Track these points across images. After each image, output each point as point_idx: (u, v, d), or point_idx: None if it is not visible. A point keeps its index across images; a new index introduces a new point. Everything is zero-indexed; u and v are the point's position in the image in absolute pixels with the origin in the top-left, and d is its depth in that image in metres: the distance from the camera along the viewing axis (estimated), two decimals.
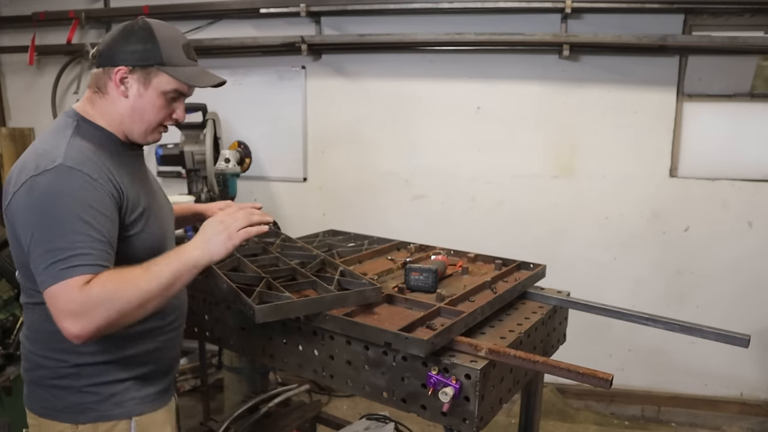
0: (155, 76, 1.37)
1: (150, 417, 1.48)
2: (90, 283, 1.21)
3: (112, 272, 1.25)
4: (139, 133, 1.43)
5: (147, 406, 1.48)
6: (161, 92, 1.39)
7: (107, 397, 1.41)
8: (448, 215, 3.72)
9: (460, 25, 3.46)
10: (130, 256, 1.36)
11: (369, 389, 1.50)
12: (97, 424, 1.40)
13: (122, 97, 1.38)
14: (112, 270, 1.26)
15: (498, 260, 2.03)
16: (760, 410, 3.49)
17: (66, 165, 1.27)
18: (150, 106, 1.40)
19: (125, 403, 1.43)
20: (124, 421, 1.43)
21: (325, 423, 2.86)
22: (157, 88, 1.38)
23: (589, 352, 3.43)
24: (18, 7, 4.15)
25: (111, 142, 1.41)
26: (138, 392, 1.46)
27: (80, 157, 1.30)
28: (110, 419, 1.41)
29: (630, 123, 3.43)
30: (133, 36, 1.36)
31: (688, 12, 3.25)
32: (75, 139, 1.34)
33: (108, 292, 1.22)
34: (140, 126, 1.42)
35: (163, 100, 1.40)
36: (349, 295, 1.56)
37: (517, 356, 1.35)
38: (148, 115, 1.40)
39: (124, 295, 1.23)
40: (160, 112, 1.42)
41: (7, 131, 4.05)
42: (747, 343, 1.54)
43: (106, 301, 1.21)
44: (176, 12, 3.81)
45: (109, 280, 1.23)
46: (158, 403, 1.51)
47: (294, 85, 3.82)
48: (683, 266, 3.50)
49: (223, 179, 3.24)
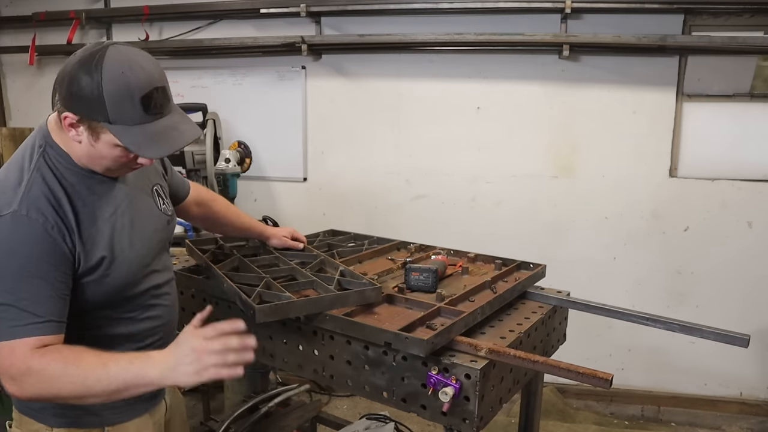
0: (103, 132, 1.20)
1: (124, 427, 1.45)
2: (38, 353, 1.15)
3: (65, 351, 1.18)
4: (104, 172, 1.32)
5: (121, 415, 1.44)
6: (111, 146, 1.22)
7: (81, 405, 1.35)
8: (448, 215, 3.72)
9: (460, 25, 3.46)
10: (88, 297, 1.30)
11: (369, 389, 1.50)
12: (70, 430, 1.39)
13: (77, 142, 1.24)
14: (66, 347, 1.19)
15: (498, 260, 2.03)
16: (759, 410, 3.49)
17: (20, 213, 1.18)
18: (106, 156, 1.25)
19: (99, 412, 1.39)
20: (96, 430, 1.41)
21: (325, 423, 2.86)
22: (108, 143, 1.22)
23: (589, 352, 3.43)
24: (18, 7, 4.15)
25: (80, 174, 1.29)
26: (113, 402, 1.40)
27: (36, 203, 1.20)
28: (82, 426, 1.39)
29: (630, 123, 3.43)
30: (83, 80, 1.16)
31: (688, 12, 3.25)
32: (37, 177, 1.24)
33: (49, 374, 1.15)
34: (101, 168, 1.30)
35: (119, 151, 1.24)
36: (349, 295, 1.57)
37: (517, 356, 1.35)
38: (107, 161, 1.27)
39: (64, 384, 1.16)
40: (119, 160, 1.26)
41: (7, 131, 4.04)
42: (747, 343, 1.54)
43: (46, 380, 1.16)
44: (176, 12, 3.81)
45: (56, 360, 1.16)
46: (135, 412, 1.47)
47: (294, 85, 3.82)
48: (683, 266, 3.50)
49: (223, 179, 3.25)
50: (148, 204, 1.49)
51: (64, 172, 1.28)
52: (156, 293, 1.48)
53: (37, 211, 1.20)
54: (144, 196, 1.48)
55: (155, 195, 1.53)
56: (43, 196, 1.22)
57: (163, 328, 1.53)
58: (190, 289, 1.90)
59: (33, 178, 1.24)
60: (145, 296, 1.45)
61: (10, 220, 1.18)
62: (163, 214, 1.54)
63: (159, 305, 1.49)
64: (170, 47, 3.85)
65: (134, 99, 1.18)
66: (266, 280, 1.65)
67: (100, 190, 1.33)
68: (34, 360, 1.15)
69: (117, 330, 1.40)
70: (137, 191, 1.45)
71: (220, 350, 1.17)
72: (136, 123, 1.20)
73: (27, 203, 1.20)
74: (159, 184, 1.57)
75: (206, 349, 1.17)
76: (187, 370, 1.17)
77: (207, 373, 1.17)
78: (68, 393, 1.17)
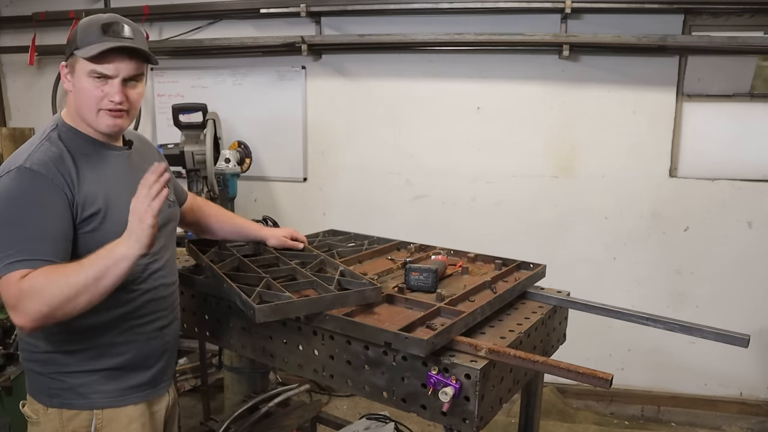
0: (76, 62, 1.41)
1: (115, 412, 1.50)
2: (25, 277, 1.28)
3: (47, 268, 1.30)
4: (90, 121, 1.46)
5: (113, 400, 1.50)
6: (84, 75, 1.41)
7: (72, 387, 1.47)
8: (448, 215, 3.72)
9: (460, 25, 3.46)
10: (85, 252, 1.37)
11: (369, 389, 1.50)
12: (62, 411, 1.48)
13: (70, 91, 1.46)
14: (48, 266, 1.31)
15: (498, 260, 2.03)
16: (759, 410, 3.49)
17: (24, 167, 1.35)
18: (82, 92, 1.43)
19: (89, 395, 1.48)
20: (86, 412, 1.48)
21: (325, 423, 2.87)
22: (80, 73, 1.41)
23: (589, 352, 3.43)
24: (18, 7, 4.15)
25: (84, 142, 1.47)
26: (104, 386, 1.49)
27: (42, 159, 1.37)
28: (73, 408, 1.48)
29: (629, 123, 3.43)
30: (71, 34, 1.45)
31: (688, 12, 3.26)
32: (45, 143, 1.42)
33: (38, 285, 1.27)
34: (85, 113, 1.45)
35: (89, 84, 1.41)
36: (349, 295, 1.57)
37: (517, 356, 1.35)
38: (84, 100, 1.43)
39: (52, 288, 1.27)
40: (91, 95, 1.42)
41: (8, 131, 4.05)
42: (746, 343, 1.54)
43: (36, 294, 1.26)
44: (176, 12, 3.81)
45: (40, 275, 1.28)
46: (128, 399, 1.53)
47: (294, 85, 3.82)
48: (683, 266, 3.50)
49: (223, 179, 3.24)
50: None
51: (72, 139, 1.46)
52: (147, 266, 1.53)
53: (40, 164, 1.36)
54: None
55: None
56: (48, 155, 1.39)
57: (159, 305, 1.57)
58: (190, 289, 1.90)
59: (41, 144, 1.42)
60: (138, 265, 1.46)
61: (16, 172, 1.35)
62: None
63: (159, 285, 1.56)
64: (170, 47, 3.85)
65: (97, 26, 1.41)
66: (266, 280, 1.65)
67: (104, 157, 1.49)
68: (21, 283, 1.28)
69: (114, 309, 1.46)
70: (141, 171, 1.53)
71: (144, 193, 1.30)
72: (93, 43, 1.39)
73: (32, 160, 1.37)
74: None
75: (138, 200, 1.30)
76: (135, 227, 1.29)
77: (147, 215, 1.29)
78: (60, 298, 1.27)
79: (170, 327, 1.64)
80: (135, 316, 1.52)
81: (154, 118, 4.02)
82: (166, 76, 3.97)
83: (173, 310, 1.66)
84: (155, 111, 4.01)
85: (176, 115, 3.39)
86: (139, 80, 1.47)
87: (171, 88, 3.96)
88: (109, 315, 1.46)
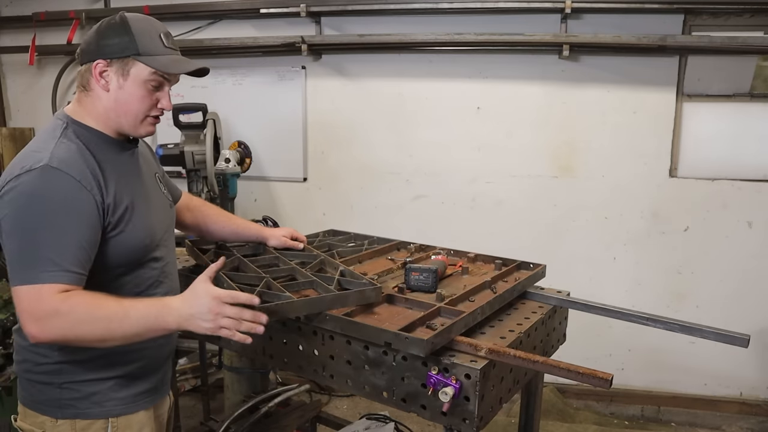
0: (132, 66, 1.37)
1: (128, 419, 1.48)
2: (63, 296, 1.22)
3: (88, 297, 1.26)
4: (129, 126, 1.43)
5: (126, 407, 1.48)
6: (141, 82, 1.38)
7: (86, 396, 1.43)
8: (448, 215, 3.72)
9: (460, 25, 3.46)
10: (109, 255, 1.37)
11: (369, 389, 1.50)
12: (75, 421, 1.43)
13: (105, 91, 1.38)
14: (88, 293, 1.27)
15: (498, 260, 2.03)
16: (759, 410, 3.49)
17: (51, 166, 1.27)
18: (132, 97, 1.39)
19: (104, 403, 1.44)
20: (101, 420, 1.44)
21: (325, 423, 2.87)
22: (136, 78, 1.38)
23: (589, 352, 3.43)
24: (18, 7, 4.15)
25: (100, 140, 1.41)
26: (118, 393, 1.46)
27: (66, 158, 1.30)
28: (88, 417, 1.43)
29: (630, 123, 3.43)
30: (110, 30, 1.37)
31: (688, 12, 3.25)
32: (63, 140, 1.35)
33: (75, 316, 1.23)
34: (127, 119, 1.41)
35: (144, 90, 1.39)
36: (349, 295, 1.57)
37: (517, 356, 1.35)
38: (132, 106, 1.40)
39: (88, 325, 1.24)
40: (143, 103, 1.40)
41: (8, 131, 4.05)
42: (747, 343, 1.54)
43: (70, 322, 1.23)
44: (176, 12, 3.81)
45: (81, 304, 1.24)
46: (139, 404, 1.51)
47: (294, 85, 3.82)
48: (683, 266, 3.50)
49: (223, 179, 3.24)
50: (153, 184, 1.61)
51: (88, 137, 1.40)
52: (164, 269, 1.54)
53: (66, 165, 1.29)
54: (150, 177, 1.60)
55: (157, 180, 1.64)
56: (71, 154, 1.32)
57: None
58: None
59: (60, 142, 1.34)
60: (155, 269, 1.50)
61: (41, 172, 1.26)
62: (165, 197, 1.64)
63: (165, 283, 1.55)
64: None
65: (156, 34, 1.40)
66: (266, 280, 1.65)
67: (120, 156, 1.46)
68: (61, 303, 1.22)
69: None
70: (146, 172, 1.58)
71: (234, 316, 1.28)
72: (160, 53, 1.39)
73: (57, 159, 1.29)
74: (159, 173, 1.68)
75: (222, 313, 1.27)
76: (202, 325, 1.27)
77: (220, 332, 1.28)
78: (91, 336, 1.25)
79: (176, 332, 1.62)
80: None
81: None
82: None
83: None
84: None
85: (176, 115, 3.39)
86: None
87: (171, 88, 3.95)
88: None
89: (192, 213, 1.91)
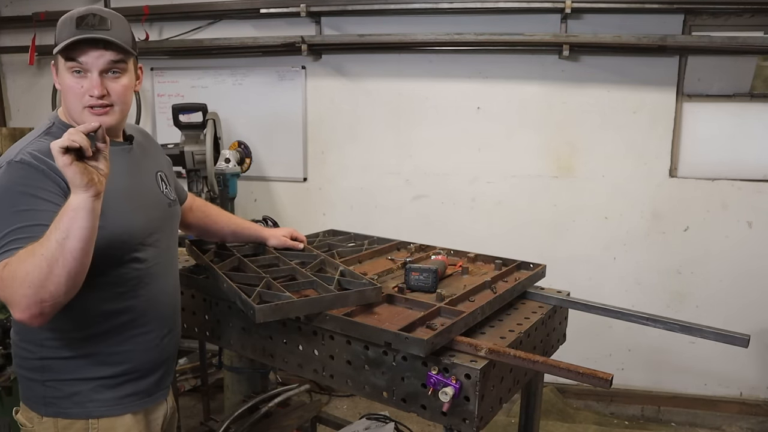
0: (58, 60, 1.40)
1: (112, 421, 1.46)
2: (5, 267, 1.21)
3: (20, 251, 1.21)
4: (76, 119, 1.40)
5: (109, 409, 1.45)
6: (64, 71, 1.39)
7: (68, 395, 1.43)
8: (448, 215, 3.72)
9: (460, 25, 3.46)
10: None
11: (369, 389, 1.50)
12: (57, 420, 1.43)
13: (60, 90, 1.44)
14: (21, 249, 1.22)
15: (498, 260, 2.03)
16: (759, 410, 3.49)
17: (14, 161, 1.30)
18: (66, 89, 1.41)
19: (85, 404, 1.43)
20: (82, 421, 1.43)
21: (325, 423, 2.87)
22: (61, 70, 1.40)
23: (589, 352, 3.43)
24: (18, 7, 4.15)
25: None
26: (101, 394, 1.44)
27: (33, 152, 1.32)
28: (68, 417, 1.43)
29: (630, 123, 3.43)
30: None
31: (688, 12, 3.25)
32: (42, 137, 1.38)
33: (12, 271, 1.19)
34: (71, 113, 1.42)
35: (70, 80, 1.39)
36: (349, 295, 1.57)
37: (517, 356, 1.35)
38: (68, 97, 1.41)
39: (25, 266, 1.17)
40: (74, 93, 1.39)
41: (7, 131, 4.04)
42: (747, 343, 1.54)
43: (14, 278, 1.18)
44: (176, 12, 3.81)
45: (14, 259, 1.20)
46: (126, 407, 1.48)
47: (294, 85, 3.82)
48: (683, 266, 3.50)
49: (223, 179, 3.24)
50: (149, 182, 1.58)
51: None
52: (150, 271, 1.50)
53: (31, 156, 1.31)
54: (147, 175, 1.58)
55: (158, 178, 1.62)
56: (41, 148, 1.33)
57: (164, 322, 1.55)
58: (190, 289, 1.90)
59: (38, 139, 1.38)
60: (137, 269, 1.46)
61: (6, 167, 1.31)
62: (165, 197, 1.61)
63: (151, 284, 1.50)
64: (170, 47, 3.85)
65: (71, 20, 1.39)
66: (266, 280, 1.65)
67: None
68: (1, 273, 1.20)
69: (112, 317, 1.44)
70: (142, 170, 1.56)
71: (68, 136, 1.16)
72: (69, 37, 1.36)
73: (22, 154, 1.32)
74: (164, 172, 1.66)
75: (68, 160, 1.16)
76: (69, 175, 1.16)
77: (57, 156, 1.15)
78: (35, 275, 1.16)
79: (170, 336, 1.60)
80: (134, 325, 1.48)
81: (154, 118, 4.02)
82: (166, 76, 3.97)
83: (174, 319, 1.63)
84: (155, 111, 4.01)
85: (176, 115, 3.39)
86: (121, 71, 1.41)
87: (171, 88, 3.96)
88: (108, 323, 1.43)
89: (193, 213, 1.92)
